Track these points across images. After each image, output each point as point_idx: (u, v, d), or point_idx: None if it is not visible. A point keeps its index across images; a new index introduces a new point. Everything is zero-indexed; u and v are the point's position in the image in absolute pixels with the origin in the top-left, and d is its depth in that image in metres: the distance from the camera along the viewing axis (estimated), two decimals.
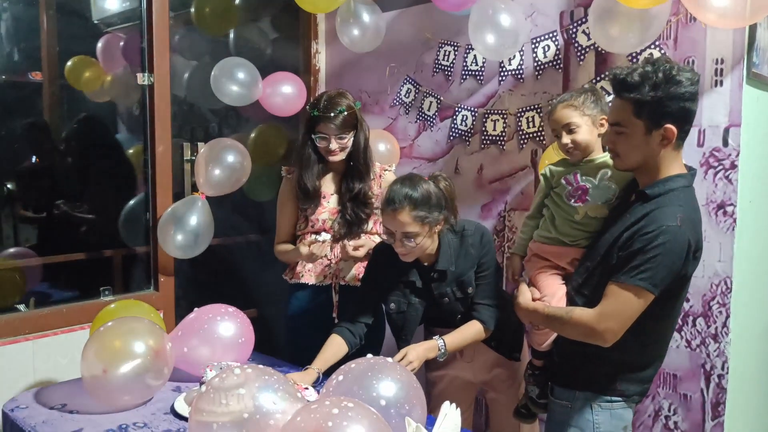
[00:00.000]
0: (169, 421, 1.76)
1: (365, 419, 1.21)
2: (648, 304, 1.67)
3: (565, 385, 1.88)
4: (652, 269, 1.63)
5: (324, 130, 2.30)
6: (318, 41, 3.35)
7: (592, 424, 1.80)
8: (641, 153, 1.72)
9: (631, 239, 1.68)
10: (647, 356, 1.81)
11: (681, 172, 1.73)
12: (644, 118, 1.68)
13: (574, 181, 1.92)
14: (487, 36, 2.43)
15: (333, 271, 2.40)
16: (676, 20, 2.23)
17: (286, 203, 2.47)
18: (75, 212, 3.00)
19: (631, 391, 1.81)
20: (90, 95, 3.07)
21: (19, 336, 2.40)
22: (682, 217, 1.63)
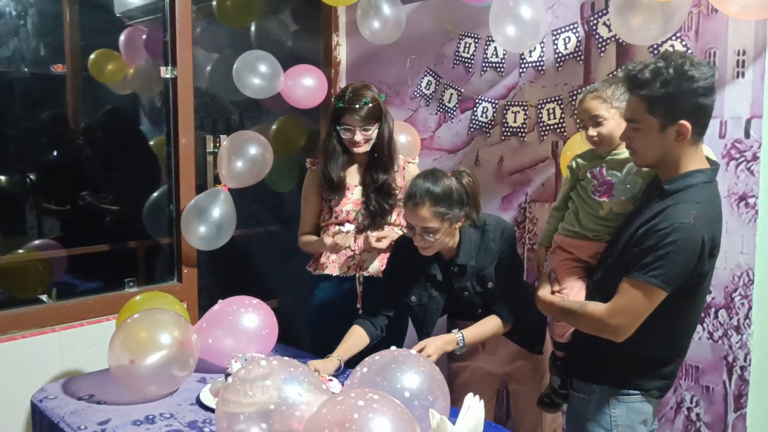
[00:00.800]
0: (195, 411, 1.80)
1: (390, 411, 1.23)
2: (661, 301, 1.67)
3: (583, 378, 1.89)
4: (664, 266, 1.63)
5: (349, 122, 2.32)
6: (338, 33, 3.36)
7: (609, 418, 1.81)
8: (657, 149, 1.71)
9: (645, 235, 1.67)
10: (665, 353, 1.80)
11: (702, 167, 1.71)
12: (657, 115, 1.66)
13: (600, 175, 1.91)
14: (507, 28, 2.43)
15: (357, 262, 2.42)
16: (697, 11, 2.21)
17: (310, 195, 2.50)
18: (99, 204, 3.04)
19: (650, 386, 1.81)
20: (112, 87, 3.11)
21: (46, 327, 2.46)
22: (696, 214, 1.61)
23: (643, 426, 1.84)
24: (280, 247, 3.52)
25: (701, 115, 1.66)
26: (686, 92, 1.62)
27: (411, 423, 1.26)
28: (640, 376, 1.80)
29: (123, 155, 3.13)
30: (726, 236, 2.18)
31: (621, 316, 1.69)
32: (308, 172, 2.53)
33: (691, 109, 1.64)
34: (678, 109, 1.64)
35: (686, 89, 1.62)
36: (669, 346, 1.80)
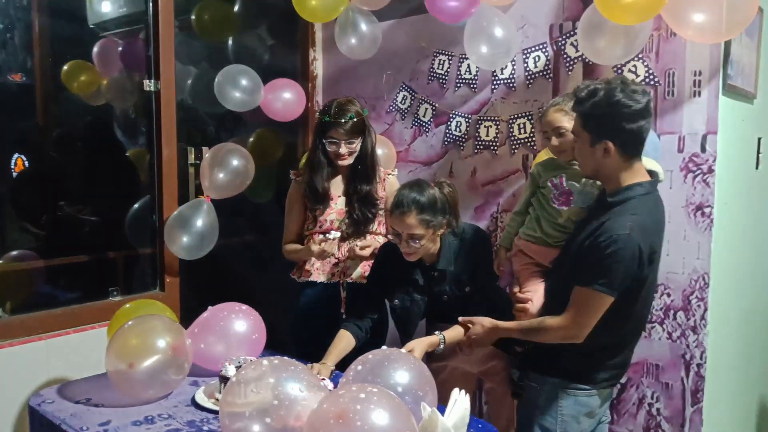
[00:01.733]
0: (191, 412, 1.87)
1: (389, 404, 1.34)
2: (608, 305, 1.82)
3: (536, 370, 2.04)
4: (608, 275, 1.79)
5: (334, 136, 2.42)
6: (315, 48, 3.46)
7: (557, 408, 1.96)
8: (591, 162, 1.88)
9: (589, 247, 1.84)
10: (613, 347, 1.95)
11: (641, 181, 1.86)
12: (589, 131, 1.84)
13: (560, 184, 2.05)
14: (481, 46, 2.57)
15: (341, 269, 2.51)
16: (657, 35, 2.38)
17: (294, 205, 2.58)
18: (77, 215, 3.05)
19: (599, 378, 1.95)
20: (85, 98, 3.12)
21: (33, 336, 2.48)
22: (631, 225, 1.76)
23: (588, 418, 1.98)
24: (257, 257, 3.58)
25: (627, 137, 1.81)
26: (611, 116, 1.79)
27: (407, 414, 1.37)
28: (590, 369, 1.94)
29: (100, 166, 3.15)
30: (683, 243, 2.36)
31: (577, 324, 1.86)
32: (292, 183, 2.60)
33: (616, 131, 1.80)
34: (603, 130, 1.81)
35: (612, 113, 1.79)
36: (617, 341, 1.95)
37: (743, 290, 2.80)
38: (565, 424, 1.95)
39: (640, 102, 1.79)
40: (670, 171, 2.37)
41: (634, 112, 1.78)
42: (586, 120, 1.85)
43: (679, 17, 2.15)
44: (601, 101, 1.80)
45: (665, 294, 2.41)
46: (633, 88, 1.80)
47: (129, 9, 3.08)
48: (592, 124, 1.84)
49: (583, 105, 1.84)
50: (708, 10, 2.09)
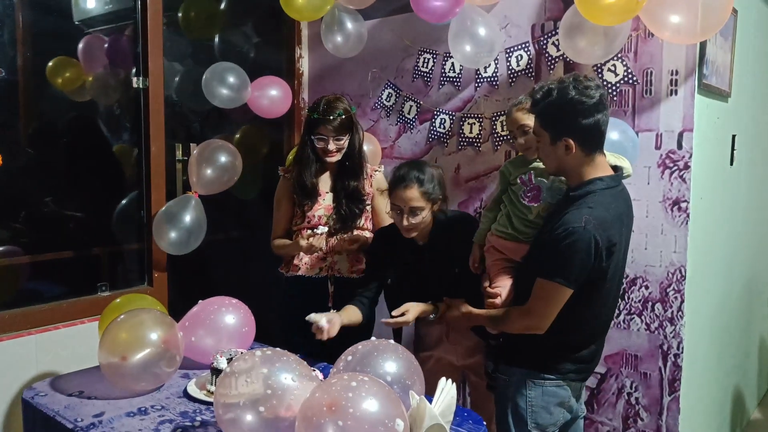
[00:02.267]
0: (184, 403, 1.90)
1: (380, 391, 1.39)
2: (570, 295, 1.87)
3: (506, 362, 2.09)
4: (564, 267, 1.84)
5: (323, 132, 2.46)
6: (301, 46, 3.49)
7: (526, 398, 2.01)
8: (553, 160, 1.92)
9: (547, 239, 1.89)
10: (577, 339, 1.99)
11: (602, 175, 1.89)
12: (548, 130, 1.89)
13: (529, 181, 2.10)
14: (465, 45, 2.63)
15: (328, 263, 2.56)
16: (636, 35, 2.45)
17: (282, 200, 2.63)
18: (61, 210, 3.05)
19: (566, 370, 1.99)
20: (70, 95, 3.12)
21: (22, 330, 2.50)
22: (587, 218, 1.80)
23: (560, 408, 2.02)
24: (243, 253, 3.61)
25: (585, 133, 1.85)
26: (567, 113, 1.83)
27: (397, 402, 1.42)
28: (555, 361, 1.99)
29: (85, 162, 3.15)
30: (661, 237, 2.44)
31: (537, 315, 1.91)
32: (281, 180, 2.65)
33: (573, 128, 1.85)
34: (561, 128, 1.86)
35: (567, 111, 1.83)
36: (581, 333, 1.99)
37: (718, 282, 2.90)
38: (536, 415, 2.00)
39: (594, 97, 1.82)
40: (647, 167, 2.45)
41: (589, 107, 1.82)
42: (543, 120, 1.90)
43: (657, 19, 2.22)
44: (556, 100, 1.84)
45: (643, 286, 2.49)
46: (586, 84, 1.83)
47: (115, 5, 3.08)
48: (550, 123, 1.88)
49: (539, 105, 1.89)
50: (684, 12, 2.16)
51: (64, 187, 2.96)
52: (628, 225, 1.96)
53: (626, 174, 2.08)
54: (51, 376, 2.17)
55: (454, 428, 1.72)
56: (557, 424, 2.04)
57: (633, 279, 2.51)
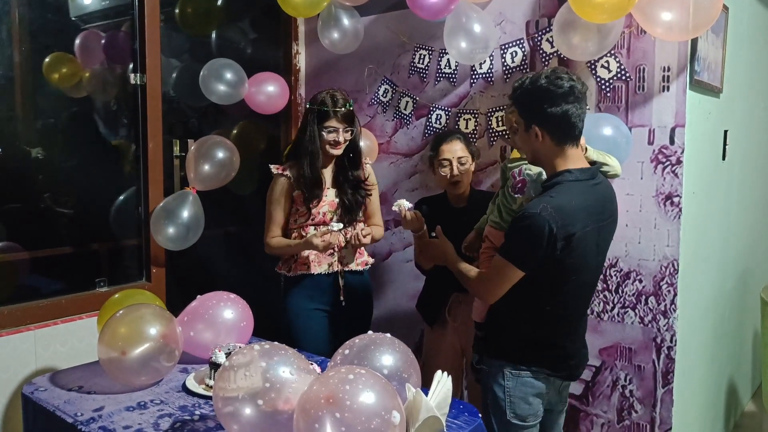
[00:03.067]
0: (183, 398, 1.92)
1: (377, 384, 1.41)
2: (519, 278, 1.92)
3: (487, 353, 2.14)
4: (513, 247, 1.92)
5: (334, 124, 2.49)
6: (298, 42, 3.51)
7: (504, 388, 2.06)
8: (528, 147, 2.00)
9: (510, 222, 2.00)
10: (546, 335, 2.03)
11: (572, 167, 1.92)
12: (522, 118, 1.96)
13: (519, 174, 2.18)
14: (460, 42, 2.65)
15: (337, 258, 2.58)
16: (629, 32, 2.47)
17: (279, 199, 2.59)
18: (55, 207, 3.06)
19: (539, 364, 2.04)
20: (66, 91, 3.12)
21: (21, 326, 2.52)
22: (544, 205, 1.83)
23: (538, 399, 2.07)
24: (240, 248, 3.63)
25: (553, 122, 1.89)
26: (535, 100, 1.89)
27: (394, 394, 1.45)
28: (528, 355, 2.03)
29: (83, 158, 3.16)
30: (654, 231, 2.47)
31: (485, 284, 2.02)
32: (276, 178, 2.61)
33: (541, 115, 1.90)
34: (531, 115, 1.93)
35: (538, 98, 1.89)
36: (549, 328, 2.03)
37: (711, 276, 2.93)
38: (514, 405, 2.04)
39: (563, 87, 1.86)
40: (641, 162, 2.48)
41: (557, 95, 1.86)
42: (518, 107, 1.98)
43: (649, 16, 2.25)
44: (527, 88, 1.92)
45: (637, 280, 2.52)
46: (559, 75, 1.88)
47: (112, 1, 3.09)
48: (523, 111, 1.96)
49: (515, 93, 1.97)
50: (675, 9, 2.19)
51: (61, 183, 2.97)
52: (599, 220, 1.95)
53: (612, 173, 2.12)
54: (50, 372, 2.18)
55: (449, 420, 1.75)
56: (537, 414, 2.08)
57: (627, 273, 2.54)
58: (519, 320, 2.02)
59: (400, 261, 3.19)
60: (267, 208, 2.64)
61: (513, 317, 2.04)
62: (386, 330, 1.79)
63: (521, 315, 2.01)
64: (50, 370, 2.39)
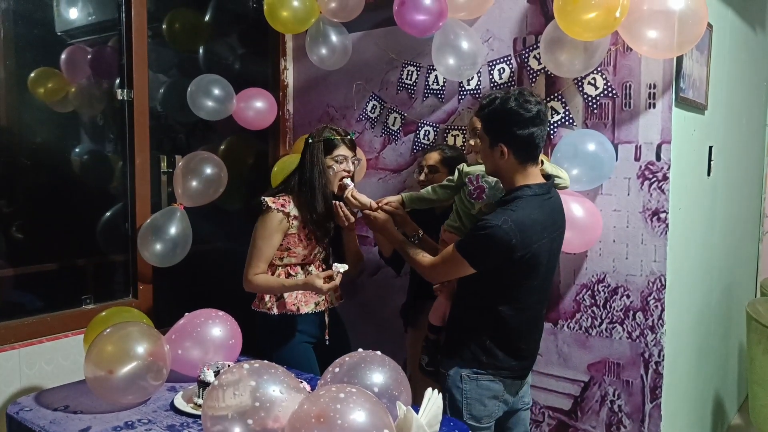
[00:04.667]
0: (171, 417, 1.90)
1: (368, 402, 1.41)
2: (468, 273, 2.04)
3: (445, 355, 2.21)
4: (473, 250, 2.00)
5: (343, 152, 2.44)
6: (286, 58, 3.52)
7: (462, 390, 2.13)
8: (490, 162, 2.08)
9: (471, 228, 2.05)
10: (503, 337, 2.10)
11: (531, 183, 2.03)
12: (488, 135, 2.04)
13: (476, 181, 2.24)
14: (448, 58, 2.68)
15: (324, 298, 2.51)
16: (615, 49, 2.50)
17: (273, 235, 2.41)
18: (47, 222, 3.03)
19: (497, 367, 2.11)
20: (52, 105, 3.10)
21: (5, 345, 2.49)
22: (505, 219, 1.94)
23: (495, 400, 2.14)
24: (229, 264, 3.59)
25: (520, 142, 1.99)
26: (505, 122, 1.98)
27: (384, 412, 1.44)
28: (485, 358, 2.10)
29: (70, 173, 3.13)
30: (641, 247, 2.49)
31: (436, 269, 2.14)
32: (272, 213, 2.40)
33: (509, 136, 1.99)
34: (498, 134, 2.01)
35: (505, 119, 1.98)
36: (505, 332, 2.10)
37: (697, 291, 2.95)
38: (470, 406, 2.12)
39: (531, 111, 1.96)
40: (627, 178, 2.50)
41: (525, 119, 1.96)
42: (485, 124, 2.06)
43: (635, 34, 2.28)
44: (497, 108, 2.00)
45: (624, 295, 2.53)
46: (527, 98, 1.98)
47: (99, 16, 3.08)
48: (490, 129, 2.04)
49: (484, 111, 2.05)
50: (661, 28, 2.22)
51: (47, 198, 2.95)
52: (552, 230, 2.07)
53: (563, 185, 2.24)
54: (35, 391, 2.16)
55: None
56: (492, 416, 2.16)
57: (614, 288, 2.55)
58: (477, 324, 2.11)
59: (389, 277, 3.18)
60: (255, 242, 2.44)
61: (473, 322, 2.12)
62: (375, 347, 1.79)
63: (481, 320, 2.10)
64: (35, 390, 2.37)
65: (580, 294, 2.63)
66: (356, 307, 3.28)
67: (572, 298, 2.65)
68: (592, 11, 2.18)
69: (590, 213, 2.47)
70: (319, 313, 2.52)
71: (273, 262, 2.47)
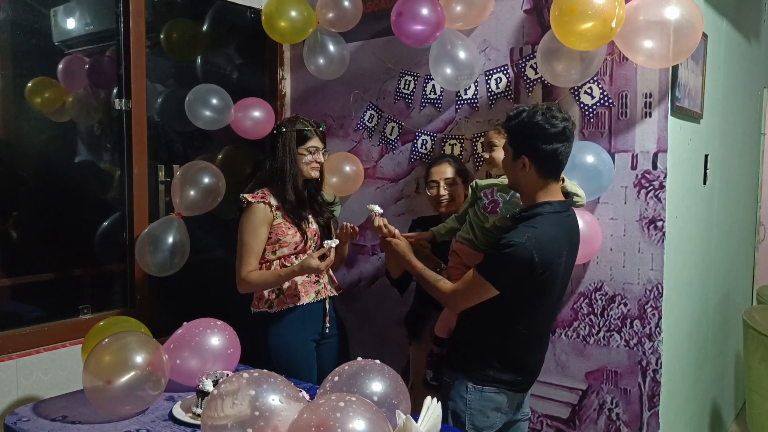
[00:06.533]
0: (169, 427, 1.90)
1: (367, 411, 1.41)
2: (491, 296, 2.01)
3: (450, 366, 2.21)
4: (496, 270, 1.99)
5: (316, 144, 2.50)
6: (284, 68, 3.53)
7: (465, 401, 2.13)
8: (512, 174, 2.08)
9: (492, 246, 2.04)
10: (514, 350, 2.11)
11: (552, 200, 2.03)
12: (512, 147, 2.05)
13: (491, 194, 2.24)
14: (445, 68, 2.69)
15: (322, 285, 2.54)
16: (611, 59, 2.52)
17: (259, 229, 2.42)
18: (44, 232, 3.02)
19: (500, 379, 2.11)
20: (49, 115, 3.10)
21: (2, 355, 2.48)
22: (528, 236, 1.94)
23: (497, 412, 2.14)
24: (226, 273, 3.59)
25: (543, 157, 1.99)
26: (530, 135, 1.98)
27: (384, 421, 1.44)
28: (491, 369, 2.10)
29: (68, 183, 3.13)
30: (638, 255, 2.50)
31: (458, 296, 2.09)
32: (252, 207, 2.42)
33: (533, 149, 1.99)
34: (522, 147, 2.01)
35: (531, 133, 1.98)
36: (516, 347, 2.11)
37: (694, 299, 2.96)
38: (473, 417, 2.12)
39: (557, 127, 1.96)
40: (624, 187, 2.52)
41: (550, 134, 1.96)
42: (510, 136, 2.07)
43: (631, 44, 2.30)
44: (523, 121, 2.00)
45: (622, 304, 2.54)
46: (554, 114, 1.97)
47: (96, 26, 3.09)
48: (514, 141, 2.05)
49: (510, 123, 2.05)
50: (656, 38, 2.24)
51: (44, 207, 2.95)
52: (569, 248, 2.08)
53: (580, 203, 2.25)
54: (33, 401, 2.15)
55: None
56: (493, 427, 2.16)
57: (612, 296, 2.56)
58: (488, 338, 2.10)
59: (387, 285, 3.18)
60: (242, 240, 2.42)
61: (483, 335, 2.11)
62: (375, 355, 1.79)
63: (491, 334, 2.09)
64: (33, 400, 2.35)
65: (578, 302, 2.64)
66: (355, 316, 3.28)
67: (570, 307, 2.66)
68: (588, 21, 2.20)
69: (590, 226, 2.48)
70: (320, 302, 2.54)
71: (266, 257, 2.47)
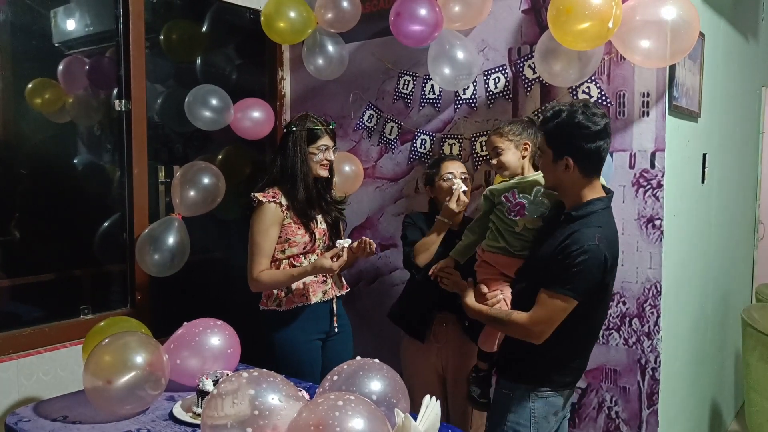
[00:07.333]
0: (170, 426, 1.91)
1: (366, 410, 1.42)
2: (572, 309, 1.95)
3: (508, 377, 2.16)
4: (575, 281, 1.92)
5: (326, 142, 2.51)
6: (283, 68, 3.54)
7: (529, 410, 2.09)
8: (552, 176, 2.05)
9: (559, 255, 1.96)
10: (575, 350, 2.10)
11: (599, 196, 2.02)
12: (551, 148, 2.01)
13: (513, 198, 2.21)
14: (444, 68, 2.70)
15: (329, 285, 2.55)
16: (609, 59, 2.53)
17: (270, 228, 2.43)
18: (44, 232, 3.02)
19: (563, 381, 2.10)
20: (49, 116, 3.11)
21: (3, 355, 2.48)
22: (599, 237, 1.92)
23: (554, 416, 2.12)
24: (226, 273, 3.60)
25: (586, 156, 1.97)
26: (572, 135, 1.95)
27: (383, 420, 1.45)
28: (555, 373, 2.08)
29: (67, 184, 3.14)
30: (637, 254, 2.50)
31: (541, 324, 1.98)
32: (263, 207, 2.44)
33: (575, 149, 1.96)
34: (564, 147, 1.97)
35: (573, 133, 1.95)
36: (578, 343, 2.09)
37: (693, 297, 2.97)
38: (538, 425, 2.08)
39: (599, 124, 1.93)
40: (622, 186, 2.52)
41: (593, 133, 1.93)
42: (549, 138, 2.01)
43: (628, 44, 2.30)
44: (563, 121, 1.96)
45: (621, 302, 2.55)
46: (593, 111, 1.95)
47: (96, 28, 3.09)
48: (555, 142, 2.00)
49: (548, 124, 2.01)
50: (653, 38, 2.24)
51: (45, 208, 2.95)
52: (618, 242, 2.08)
53: None
54: (34, 401, 2.16)
55: None
56: (552, 431, 2.14)
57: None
58: (552, 344, 2.01)
59: (387, 285, 3.19)
60: (253, 239, 2.44)
61: (546, 342, 2.01)
62: (374, 355, 1.80)
63: (555, 339, 2.00)
64: (33, 400, 2.36)
65: None
66: (354, 316, 3.28)
67: None
68: (585, 22, 2.20)
69: None
70: (327, 302, 2.55)
71: (276, 257, 2.49)
